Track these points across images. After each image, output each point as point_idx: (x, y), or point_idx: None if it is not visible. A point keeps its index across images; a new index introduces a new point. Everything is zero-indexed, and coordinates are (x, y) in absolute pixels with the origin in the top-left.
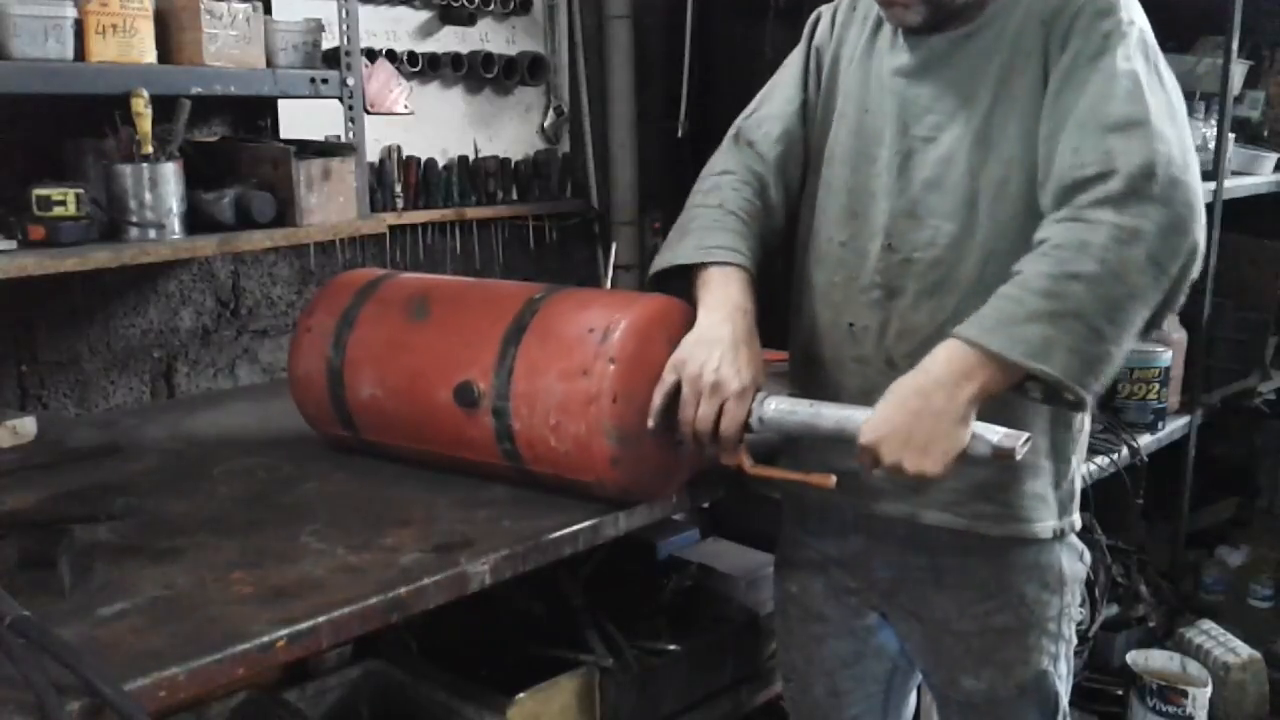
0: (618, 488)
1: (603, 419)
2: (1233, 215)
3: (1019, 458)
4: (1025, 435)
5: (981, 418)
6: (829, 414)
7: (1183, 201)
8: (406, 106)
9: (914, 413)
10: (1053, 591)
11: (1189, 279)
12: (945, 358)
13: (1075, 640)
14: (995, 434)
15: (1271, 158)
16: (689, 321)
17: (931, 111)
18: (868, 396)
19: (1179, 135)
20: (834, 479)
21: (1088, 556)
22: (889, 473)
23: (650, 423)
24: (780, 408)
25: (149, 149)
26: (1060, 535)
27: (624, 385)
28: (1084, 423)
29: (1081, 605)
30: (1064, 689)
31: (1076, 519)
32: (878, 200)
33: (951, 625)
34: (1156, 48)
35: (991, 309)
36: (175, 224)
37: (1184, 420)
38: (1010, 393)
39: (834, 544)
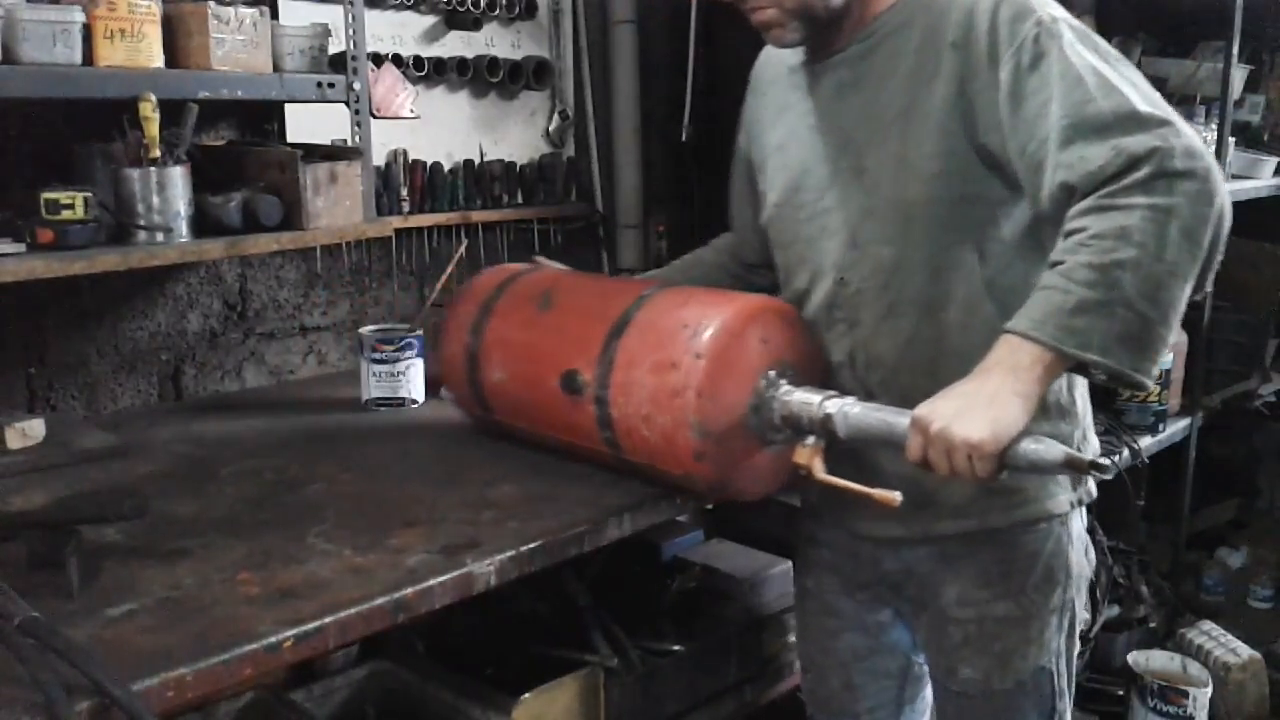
0: (704, 482)
1: (688, 413)
2: (1233, 219)
3: (1098, 477)
4: (1107, 463)
5: None
6: (899, 419)
7: (1203, 167)
8: (412, 110)
9: (968, 392)
10: (1055, 582)
11: (1222, 241)
12: (1001, 353)
13: (1079, 645)
14: (1061, 445)
15: (1271, 161)
16: (787, 322)
17: (853, 140)
18: None
19: (1163, 107)
20: (899, 496)
21: (1093, 554)
22: (932, 448)
23: None
24: (858, 412)
25: (156, 153)
26: (1074, 506)
27: (709, 382)
28: (1082, 392)
29: (1086, 607)
30: (1066, 697)
31: (1092, 484)
32: (819, 241)
33: (952, 613)
34: (1086, 29)
35: (1040, 301)
36: (183, 227)
37: (1184, 422)
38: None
39: (845, 540)
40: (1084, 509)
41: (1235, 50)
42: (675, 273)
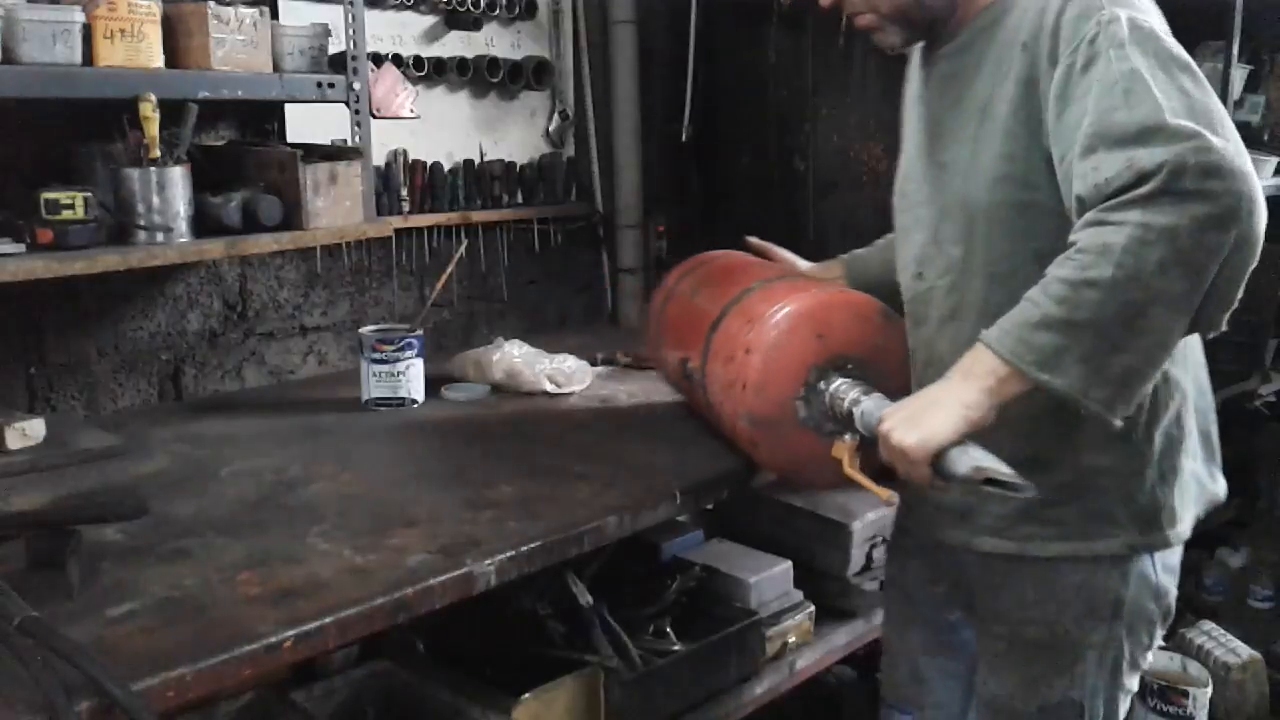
0: (770, 469)
1: (739, 404)
2: None
3: (992, 490)
4: (1026, 485)
5: (1041, 419)
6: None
7: (1226, 190)
8: (412, 110)
9: (922, 396)
10: (1100, 619)
11: (1243, 273)
12: (967, 359)
13: (1131, 685)
14: (987, 459)
15: (1272, 162)
16: (856, 317)
17: (942, 135)
18: None
19: (1208, 120)
20: (896, 497)
21: (1170, 599)
22: (882, 449)
23: None
24: (870, 408)
25: (157, 153)
26: (1137, 551)
27: (754, 374)
28: (1167, 430)
29: (1148, 649)
30: None
31: (1173, 532)
32: (911, 233)
33: (988, 625)
34: (1153, 30)
35: (1013, 312)
36: (183, 227)
37: None
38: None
39: (919, 535)
40: (1156, 555)
41: (1235, 50)
42: (875, 250)
